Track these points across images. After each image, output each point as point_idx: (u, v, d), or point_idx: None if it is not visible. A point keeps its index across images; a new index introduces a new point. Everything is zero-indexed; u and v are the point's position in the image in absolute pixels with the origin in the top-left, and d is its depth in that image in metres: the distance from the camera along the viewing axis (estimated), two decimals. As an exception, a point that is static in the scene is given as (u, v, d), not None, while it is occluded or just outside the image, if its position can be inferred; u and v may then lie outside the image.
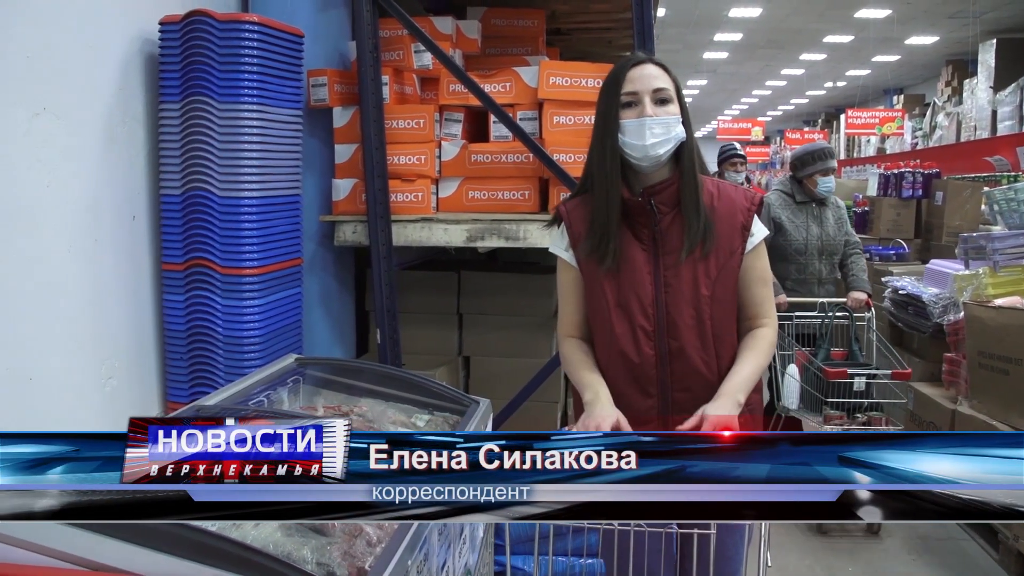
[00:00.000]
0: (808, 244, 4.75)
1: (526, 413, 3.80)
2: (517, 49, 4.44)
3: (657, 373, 2.08)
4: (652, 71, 2.05)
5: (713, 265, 2.06)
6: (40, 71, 2.51)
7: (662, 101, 2.03)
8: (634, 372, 2.08)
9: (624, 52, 6.01)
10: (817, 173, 4.71)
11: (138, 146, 3.02)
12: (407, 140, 3.76)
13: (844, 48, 18.55)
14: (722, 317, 2.08)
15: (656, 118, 2.01)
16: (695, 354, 2.06)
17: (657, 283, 2.07)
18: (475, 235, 3.68)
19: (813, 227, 4.76)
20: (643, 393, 2.09)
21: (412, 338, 3.97)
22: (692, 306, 2.05)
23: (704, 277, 2.06)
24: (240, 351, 3.03)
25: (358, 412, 2.60)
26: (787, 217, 4.76)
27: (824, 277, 4.80)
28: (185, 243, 3.04)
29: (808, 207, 4.79)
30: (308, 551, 1.69)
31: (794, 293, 4.71)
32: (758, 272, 2.12)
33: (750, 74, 23.16)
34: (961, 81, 15.18)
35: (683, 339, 2.06)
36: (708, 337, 2.06)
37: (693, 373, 2.07)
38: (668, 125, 2.02)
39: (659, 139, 2.01)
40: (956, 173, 9.02)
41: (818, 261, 4.77)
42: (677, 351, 2.06)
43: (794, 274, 4.77)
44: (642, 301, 2.07)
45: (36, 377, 2.50)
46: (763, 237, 2.13)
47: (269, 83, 3.07)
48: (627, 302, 2.08)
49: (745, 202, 2.11)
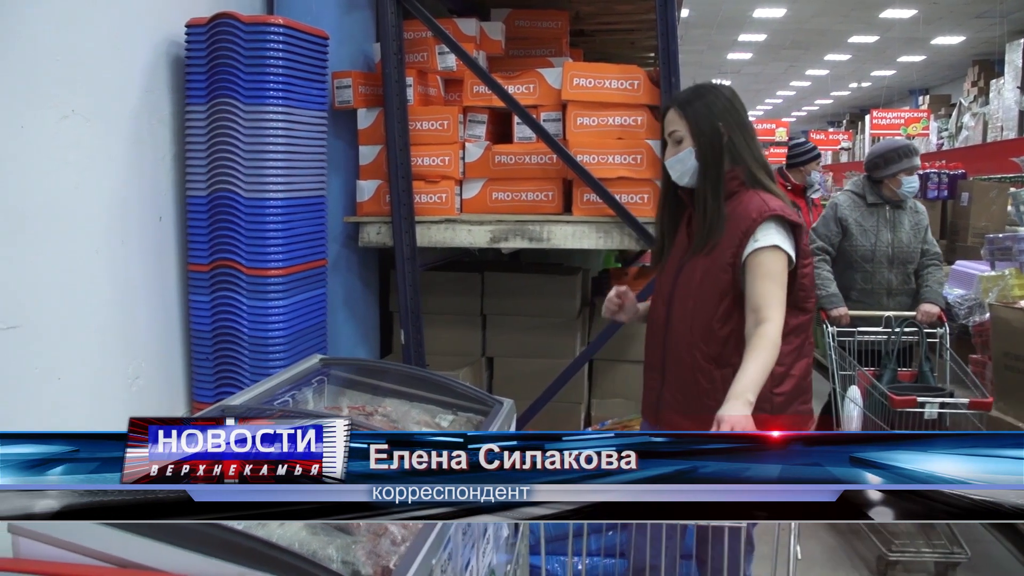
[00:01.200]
0: (876, 251, 4.32)
1: (550, 414, 3.80)
2: (541, 50, 4.44)
3: (662, 330, 2.54)
4: (669, 117, 2.48)
5: (712, 258, 2.40)
6: (68, 74, 2.54)
7: (677, 142, 2.45)
8: (652, 324, 2.61)
9: (648, 53, 5.99)
10: (902, 172, 4.28)
11: (164, 147, 3.05)
12: (431, 141, 3.77)
13: (869, 48, 18.43)
14: (702, 301, 2.43)
15: (672, 159, 2.46)
16: (682, 322, 2.47)
17: (679, 268, 2.49)
18: (499, 236, 3.68)
19: (884, 232, 4.32)
20: (653, 342, 2.59)
21: (436, 339, 3.97)
22: (688, 288, 2.46)
23: (701, 267, 2.43)
24: (265, 351, 3.04)
25: (382, 412, 2.61)
26: (855, 220, 4.36)
27: (894, 288, 4.35)
28: (211, 244, 3.06)
29: (881, 210, 4.36)
30: (333, 550, 1.70)
31: (859, 305, 4.32)
32: (762, 269, 2.33)
33: (774, 75, 23.05)
34: (988, 81, 15.02)
35: (679, 311, 2.48)
36: (689, 313, 2.45)
37: (680, 336, 2.48)
38: (682, 161, 2.43)
39: (677, 174, 2.46)
40: (982, 174, 8.93)
41: (888, 270, 4.33)
42: (674, 317, 2.50)
43: (860, 283, 4.37)
44: (667, 279, 2.53)
45: (65, 377, 2.52)
46: (771, 244, 2.35)
47: (294, 85, 3.09)
48: (662, 277, 2.58)
49: (754, 214, 2.36)
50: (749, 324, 2.30)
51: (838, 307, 4.22)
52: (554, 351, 4.08)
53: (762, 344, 2.22)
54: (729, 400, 2.12)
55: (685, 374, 2.45)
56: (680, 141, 2.43)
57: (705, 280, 2.41)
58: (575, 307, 4.17)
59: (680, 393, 2.47)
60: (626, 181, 3.65)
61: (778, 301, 2.30)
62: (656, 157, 3.61)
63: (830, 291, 4.27)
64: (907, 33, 16.30)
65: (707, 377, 2.40)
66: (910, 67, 20.33)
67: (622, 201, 3.61)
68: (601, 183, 3.59)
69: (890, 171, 4.29)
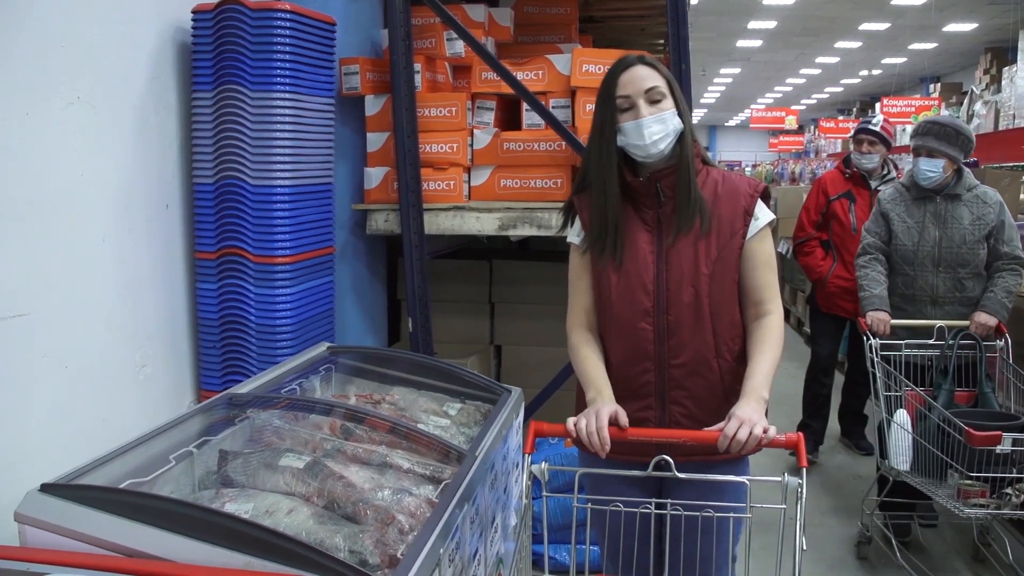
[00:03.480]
0: (919, 251, 3.71)
1: (558, 402, 3.78)
2: (550, 37, 4.41)
3: (655, 349, 2.13)
4: (642, 72, 2.12)
5: (714, 245, 2.12)
6: (74, 60, 2.52)
7: (655, 100, 2.10)
8: (634, 347, 2.15)
9: (658, 40, 5.96)
10: (918, 152, 3.70)
11: (171, 135, 3.03)
12: (439, 128, 3.75)
13: (880, 36, 18.32)
14: (720, 296, 2.13)
15: (651, 117, 2.08)
16: (690, 330, 2.12)
17: (659, 262, 2.14)
18: (507, 223, 3.66)
19: (930, 229, 3.70)
20: (641, 369, 2.15)
21: (444, 327, 3.96)
22: (691, 284, 2.12)
23: (704, 256, 2.12)
24: (273, 339, 3.03)
25: (390, 401, 2.61)
26: (897, 215, 3.79)
27: (940, 295, 3.71)
28: (218, 231, 3.05)
29: (928, 203, 3.73)
30: (340, 539, 1.70)
31: (899, 314, 3.74)
32: (764, 256, 2.17)
33: (784, 62, 22.93)
34: (1000, 69, 14.89)
35: (681, 316, 2.12)
36: (705, 315, 2.12)
37: (688, 348, 2.13)
38: (664, 121, 2.09)
39: (658, 136, 2.09)
40: (994, 162, 8.88)
41: (932, 274, 3.71)
42: (674, 327, 2.12)
43: (900, 288, 3.79)
44: (643, 280, 2.14)
45: (72, 365, 2.52)
46: (768, 222, 2.17)
47: (301, 71, 3.07)
48: (629, 281, 2.15)
49: (748, 188, 2.17)
50: (749, 316, 2.18)
51: (877, 310, 3.69)
52: (563, 339, 4.02)
53: (770, 337, 2.12)
54: (744, 397, 2.02)
55: (704, 389, 2.14)
56: (659, 100, 2.10)
57: (717, 270, 2.13)
58: (584, 295, 4.14)
59: (700, 411, 2.13)
60: (635, 168, 3.62)
61: (777, 290, 2.20)
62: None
63: (873, 292, 3.75)
64: (919, 20, 16.18)
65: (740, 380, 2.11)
66: (921, 54, 20.20)
67: (631, 188, 3.58)
68: (610, 170, 3.56)
69: (915, 150, 3.74)
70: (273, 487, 1.90)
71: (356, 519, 1.80)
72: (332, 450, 2.11)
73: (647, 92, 2.10)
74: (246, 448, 2.10)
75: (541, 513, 2.10)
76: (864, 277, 3.83)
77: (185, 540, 1.53)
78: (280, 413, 2.27)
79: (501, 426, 2.36)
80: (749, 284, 2.17)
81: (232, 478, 1.96)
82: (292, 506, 1.80)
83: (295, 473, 1.91)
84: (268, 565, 1.48)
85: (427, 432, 2.26)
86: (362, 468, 2.01)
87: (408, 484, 1.97)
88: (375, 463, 2.07)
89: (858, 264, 3.91)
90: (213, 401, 2.31)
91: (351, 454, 2.09)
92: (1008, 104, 13.56)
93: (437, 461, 2.10)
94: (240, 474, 1.95)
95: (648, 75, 2.12)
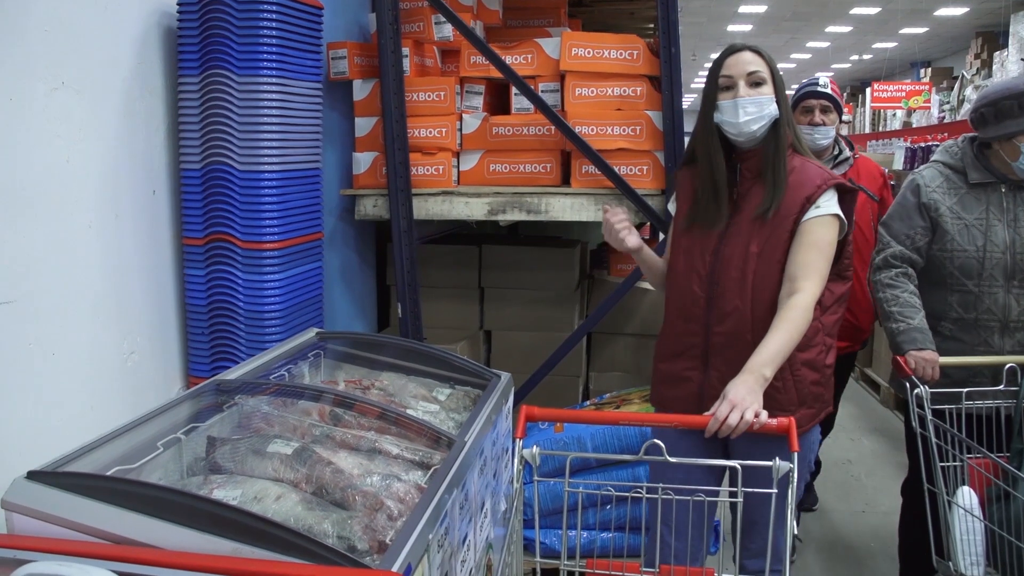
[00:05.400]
0: (986, 258, 2.80)
1: (548, 387, 3.79)
2: (539, 21, 4.39)
3: (703, 312, 2.33)
4: (747, 57, 2.29)
5: (768, 227, 2.27)
6: (57, 45, 2.49)
7: (756, 83, 2.27)
8: (687, 309, 2.37)
9: (648, 24, 5.94)
10: None
11: (157, 120, 3.01)
12: (428, 113, 3.73)
13: (871, 20, 18.28)
14: (764, 276, 2.27)
15: (748, 98, 2.25)
16: (732, 303, 2.29)
17: (721, 236, 2.33)
18: (496, 208, 3.65)
19: (998, 229, 2.80)
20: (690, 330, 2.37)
21: (433, 312, 3.95)
22: (740, 259, 2.29)
23: (757, 236, 2.28)
24: (261, 325, 3.02)
25: (379, 386, 2.60)
26: (949, 209, 2.86)
27: (1012, 318, 2.80)
28: (205, 217, 3.03)
29: (992, 193, 2.84)
30: (329, 524, 1.69)
31: (953, 345, 2.84)
32: (813, 237, 2.25)
33: (775, 47, 22.86)
34: (991, 54, 14.89)
35: (726, 287, 2.30)
36: (747, 291, 2.27)
37: (730, 316, 2.30)
38: (761, 104, 2.25)
39: (752, 116, 2.25)
40: (984, 146, 8.87)
41: (1004, 290, 2.80)
42: (720, 296, 2.31)
43: (956, 310, 2.87)
44: (704, 249, 2.35)
45: (59, 352, 2.50)
46: (832, 214, 2.26)
47: (288, 56, 3.04)
48: (692, 249, 2.37)
49: (818, 179, 2.28)
50: (783, 293, 2.23)
51: (923, 348, 2.75)
52: (552, 324, 4.06)
53: (792, 315, 2.15)
54: (744, 373, 2.06)
55: (739, 360, 2.16)
56: (760, 84, 2.26)
57: (765, 250, 2.26)
58: (573, 280, 4.14)
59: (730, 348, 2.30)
60: (625, 152, 3.61)
61: (818, 273, 2.22)
62: (656, 128, 3.58)
63: (911, 323, 2.80)
64: (910, 4, 16.14)
65: None
66: (912, 39, 20.17)
67: (621, 173, 3.58)
68: (600, 155, 3.56)
69: (1005, 130, 2.73)
70: (261, 473, 1.90)
71: (345, 505, 1.80)
72: (321, 436, 2.10)
73: (749, 75, 2.27)
74: (234, 434, 2.09)
75: (532, 498, 2.11)
76: (893, 301, 2.88)
77: (173, 527, 1.52)
78: (269, 399, 2.26)
79: (491, 411, 2.35)
80: (789, 259, 2.26)
81: (220, 464, 1.95)
82: (280, 492, 1.80)
83: (283, 459, 1.90)
84: (256, 551, 1.48)
85: (416, 418, 2.25)
86: (351, 454, 2.00)
87: (397, 470, 1.97)
88: (364, 449, 2.06)
89: (879, 282, 2.94)
90: (201, 387, 2.30)
91: (340, 440, 2.09)
92: (998, 88, 13.46)
93: (426, 447, 2.10)
94: (228, 460, 1.95)
95: (752, 60, 2.29)
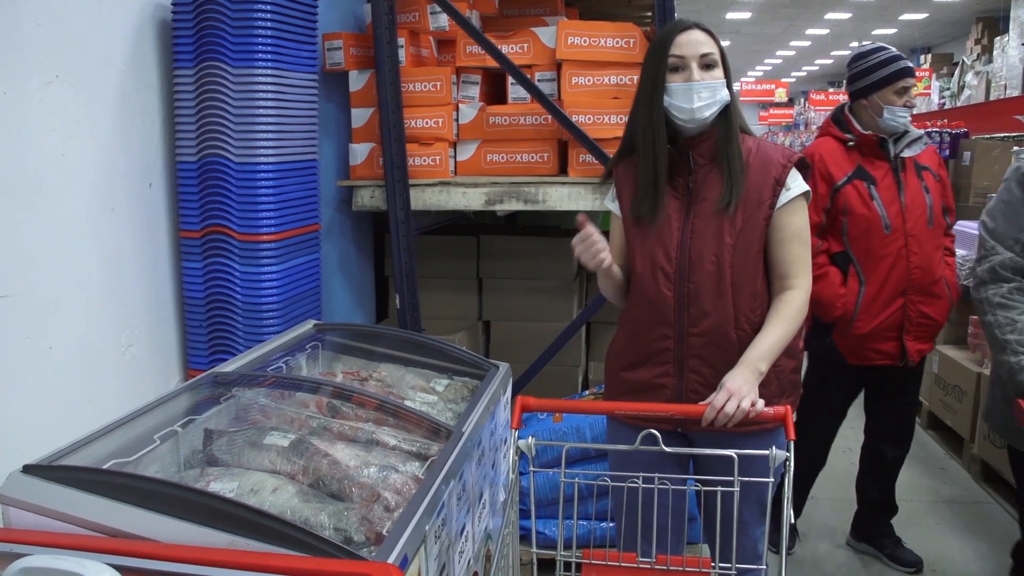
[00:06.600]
0: None
1: (546, 377, 3.79)
2: (535, 9, 4.37)
3: (675, 315, 2.15)
4: (699, 37, 2.13)
5: (739, 216, 2.12)
6: (52, 39, 2.49)
7: (708, 66, 2.11)
8: (654, 312, 2.17)
9: (645, 13, 5.91)
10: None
11: (153, 113, 3.00)
12: (424, 103, 3.72)
13: (870, 6, 18.24)
14: (742, 267, 2.12)
15: (702, 83, 2.09)
16: (710, 299, 2.12)
17: (684, 230, 2.15)
18: (494, 198, 3.64)
19: None
20: (660, 335, 2.18)
21: (431, 303, 3.95)
22: (714, 253, 2.12)
23: (729, 226, 2.12)
24: (259, 317, 3.02)
25: (377, 378, 2.60)
26: None
27: None
28: (202, 210, 3.02)
29: None
30: (326, 516, 1.69)
31: None
32: (793, 229, 2.14)
33: (774, 34, 22.83)
34: (992, 39, 14.85)
35: (701, 284, 2.12)
36: (726, 285, 2.11)
37: (707, 317, 2.13)
38: (714, 89, 2.10)
39: (705, 103, 2.09)
40: (985, 133, 8.85)
41: None
42: (694, 294, 2.13)
43: None
44: (667, 246, 2.15)
45: (56, 346, 2.50)
46: (802, 193, 2.15)
47: (283, 47, 3.04)
48: (653, 247, 2.17)
49: (781, 158, 2.15)
50: (774, 289, 2.17)
51: None
52: (551, 314, 4.06)
53: (790, 311, 2.10)
54: (740, 366, 2.03)
55: (721, 359, 2.11)
56: (711, 67, 2.11)
57: (740, 241, 2.11)
58: (572, 270, 4.14)
59: (716, 380, 2.07)
60: (622, 142, 3.60)
61: (806, 265, 2.16)
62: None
63: None
64: (909, -10, 16.13)
65: None
66: (912, 25, 20.12)
67: (618, 162, 3.57)
68: (597, 143, 3.55)
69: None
70: (258, 466, 1.90)
71: (342, 497, 1.80)
72: (318, 428, 2.10)
73: (702, 57, 2.11)
74: (231, 427, 2.09)
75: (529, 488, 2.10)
76: (1009, 327, 2.43)
77: (169, 520, 1.52)
78: (266, 391, 2.26)
79: (488, 402, 2.35)
80: (775, 257, 2.16)
81: (217, 457, 1.95)
82: (277, 484, 1.80)
83: (280, 451, 1.90)
84: (252, 544, 1.48)
85: (414, 409, 2.25)
86: (348, 446, 2.00)
87: (394, 461, 1.97)
88: (361, 440, 2.06)
89: (986, 300, 2.54)
90: (198, 380, 2.30)
91: (337, 432, 2.09)
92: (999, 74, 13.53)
93: (424, 438, 2.10)
94: (225, 453, 1.95)
95: (705, 40, 2.13)
